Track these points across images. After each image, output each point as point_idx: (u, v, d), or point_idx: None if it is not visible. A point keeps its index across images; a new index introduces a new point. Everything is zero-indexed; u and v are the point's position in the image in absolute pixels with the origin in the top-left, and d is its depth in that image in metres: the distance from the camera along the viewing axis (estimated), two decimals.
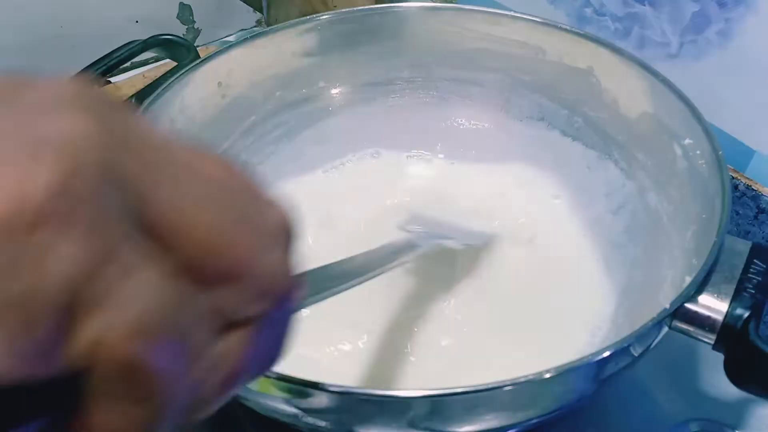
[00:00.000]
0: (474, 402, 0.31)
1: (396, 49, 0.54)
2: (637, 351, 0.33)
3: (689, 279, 0.34)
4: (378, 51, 0.54)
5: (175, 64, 0.48)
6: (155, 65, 0.71)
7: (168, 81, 0.45)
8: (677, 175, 0.43)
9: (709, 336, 0.34)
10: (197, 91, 0.47)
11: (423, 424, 0.32)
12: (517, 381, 0.30)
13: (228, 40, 0.82)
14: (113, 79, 0.69)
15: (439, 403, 0.31)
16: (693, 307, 0.33)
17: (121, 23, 0.75)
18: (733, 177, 0.50)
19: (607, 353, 0.31)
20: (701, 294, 0.34)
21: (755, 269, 0.35)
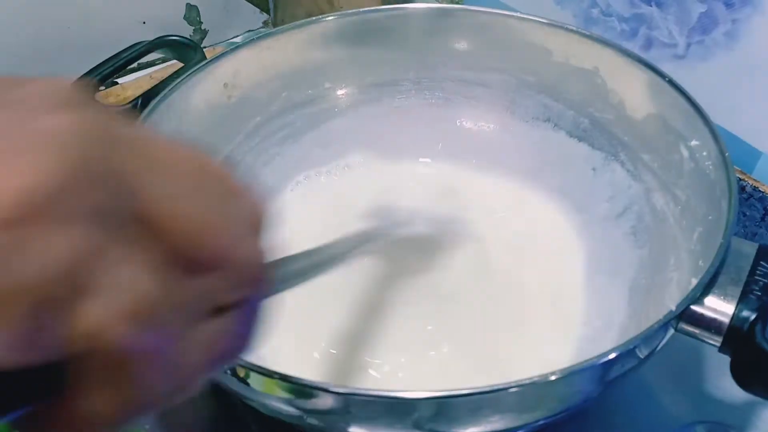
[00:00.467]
0: (479, 403, 0.31)
1: (402, 50, 0.54)
2: (643, 353, 0.33)
3: (695, 281, 0.34)
4: (384, 52, 0.54)
5: (182, 65, 0.48)
6: (162, 66, 0.72)
7: (174, 82, 0.45)
8: (684, 177, 0.43)
9: (716, 338, 0.33)
10: (203, 92, 0.47)
11: (427, 425, 0.31)
12: (523, 383, 0.30)
13: (235, 41, 0.83)
14: (120, 80, 0.69)
15: (445, 405, 0.31)
16: (699, 309, 0.33)
17: (129, 24, 0.75)
18: (740, 178, 0.50)
19: (613, 355, 0.31)
20: (707, 296, 0.33)
21: (762, 271, 0.34)
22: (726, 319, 0.33)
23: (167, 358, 0.16)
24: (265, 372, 0.31)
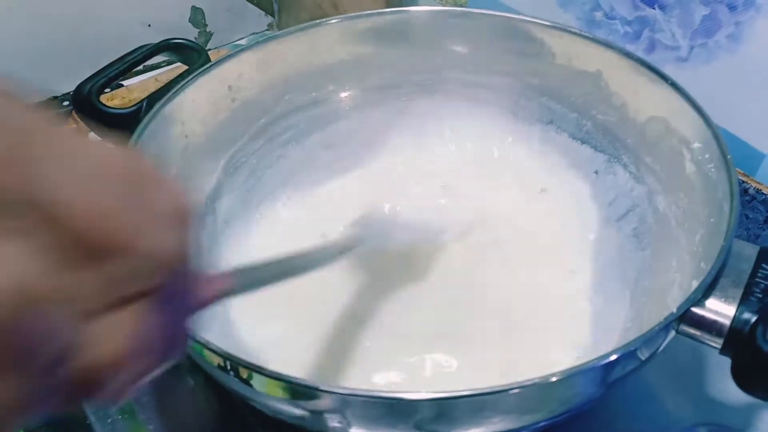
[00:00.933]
0: (481, 405, 0.31)
1: (405, 53, 0.54)
2: (645, 355, 0.33)
3: (697, 283, 0.34)
4: (387, 54, 0.54)
5: (187, 67, 0.48)
6: (167, 68, 0.72)
7: (179, 84, 0.46)
8: (686, 179, 0.43)
9: (717, 340, 0.33)
10: (208, 95, 0.48)
11: (429, 426, 0.32)
12: (524, 384, 0.30)
13: (239, 43, 0.83)
14: (125, 82, 0.70)
15: (446, 406, 0.31)
16: (700, 311, 0.33)
17: (134, 27, 0.75)
18: (743, 181, 0.50)
19: (614, 357, 0.31)
20: (709, 298, 0.33)
21: (763, 273, 0.34)
22: (727, 321, 0.33)
23: (61, 341, 0.16)
24: (268, 373, 0.31)
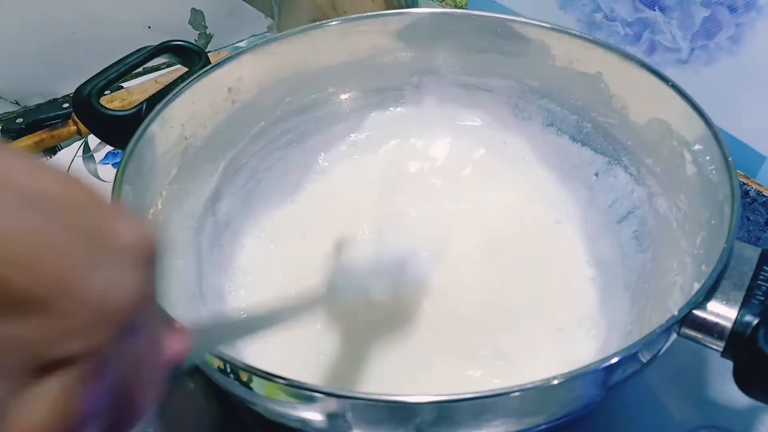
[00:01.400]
0: (481, 408, 0.31)
1: (405, 55, 0.54)
2: (646, 357, 0.33)
3: (698, 285, 0.34)
4: (387, 56, 0.54)
5: (187, 69, 0.48)
6: (167, 71, 0.72)
7: (179, 86, 0.46)
8: (687, 181, 0.43)
9: (718, 343, 0.33)
10: (208, 97, 0.48)
11: (430, 429, 0.31)
12: (525, 387, 0.30)
13: (239, 45, 0.83)
14: (125, 84, 0.70)
15: (447, 409, 0.31)
16: (701, 314, 0.33)
17: (134, 29, 0.75)
18: (744, 183, 0.50)
19: (615, 359, 0.31)
20: (710, 301, 0.33)
21: (765, 276, 0.34)
22: (728, 324, 0.33)
23: None
24: (269, 376, 0.31)
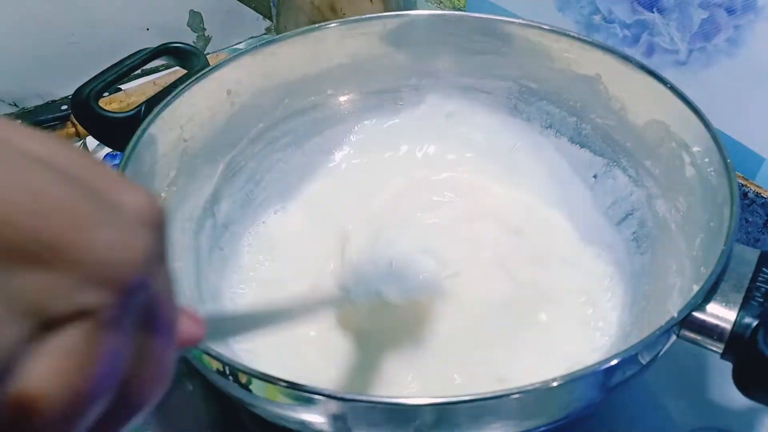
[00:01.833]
0: (481, 410, 0.31)
1: (403, 57, 0.54)
2: (645, 359, 0.33)
3: (697, 287, 0.34)
4: (385, 58, 0.54)
5: (185, 71, 0.48)
6: (165, 72, 0.72)
7: (178, 88, 0.46)
8: (686, 183, 0.43)
9: (718, 345, 0.33)
10: (206, 99, 0.48)
11: (429, 431, 0.32)
12: (524, 389, 0.30)
13: (238, 47, 0.83)
14: (124, 87, 0.70)
15: (446, 411, 0.31)
16: (701, 316, 0.33)
17: (133, 31, 0.75)
18: (743, 185, 0.50)
19: (615, 361, 0.31)
20: (709, 303, 0.33)
21: (764, 278, 0.34)
22: (728, 326, 0.33)
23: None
24: (268, 378, 0.31)
